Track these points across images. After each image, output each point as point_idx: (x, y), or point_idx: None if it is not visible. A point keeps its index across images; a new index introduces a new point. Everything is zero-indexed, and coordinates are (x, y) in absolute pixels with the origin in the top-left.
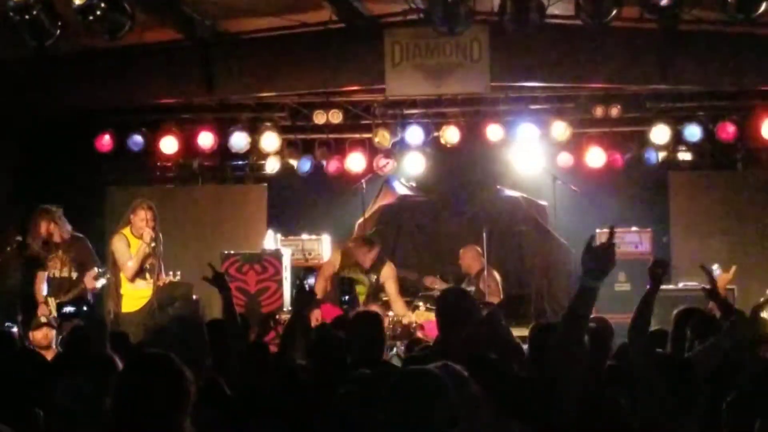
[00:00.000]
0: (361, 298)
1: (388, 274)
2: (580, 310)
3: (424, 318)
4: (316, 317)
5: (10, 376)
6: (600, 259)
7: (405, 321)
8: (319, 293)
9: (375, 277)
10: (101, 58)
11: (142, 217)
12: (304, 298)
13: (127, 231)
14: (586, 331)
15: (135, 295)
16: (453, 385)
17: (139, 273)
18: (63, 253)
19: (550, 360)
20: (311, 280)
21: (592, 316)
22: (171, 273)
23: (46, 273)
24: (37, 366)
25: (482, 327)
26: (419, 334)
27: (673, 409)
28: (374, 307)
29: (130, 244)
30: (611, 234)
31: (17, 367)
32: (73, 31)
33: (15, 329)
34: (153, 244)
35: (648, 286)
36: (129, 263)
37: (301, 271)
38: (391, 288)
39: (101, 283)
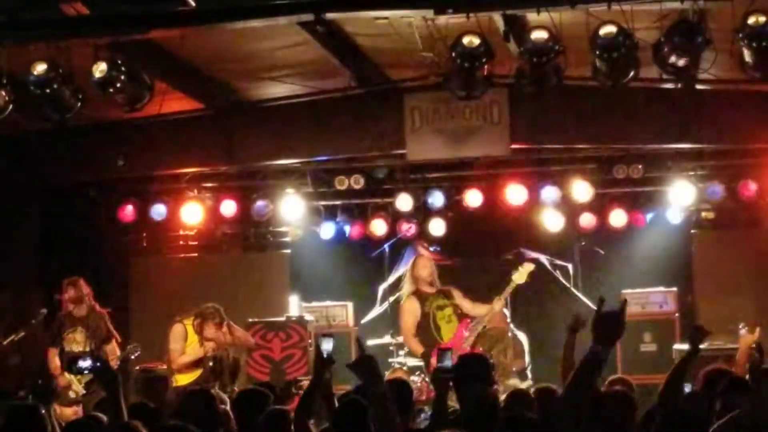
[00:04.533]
0: (454, 323)
1: (458, 294)
2: (585, 375)
3: None
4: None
5: None
6: (610, 327)
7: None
8: (417, 349)
9: (450, 300)
10: (122, 129)
11: (211, 329)
12: (322, 365)
13: (189, 322)
14: (588, 397)
15: (185, 378)
16: None
17: (190, 368)
18: (83, 328)
19: (556, 424)
20: (328, 345)
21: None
22: None
23: (57, 349)
24: None
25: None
26: None
27: None
28: None
29: (188, 336)
30: (624, 304)
31: None
32: (93, 102)
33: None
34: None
35: (687, 351)
36: (180, 358)
37: (319, 336)
38: (463, 302)
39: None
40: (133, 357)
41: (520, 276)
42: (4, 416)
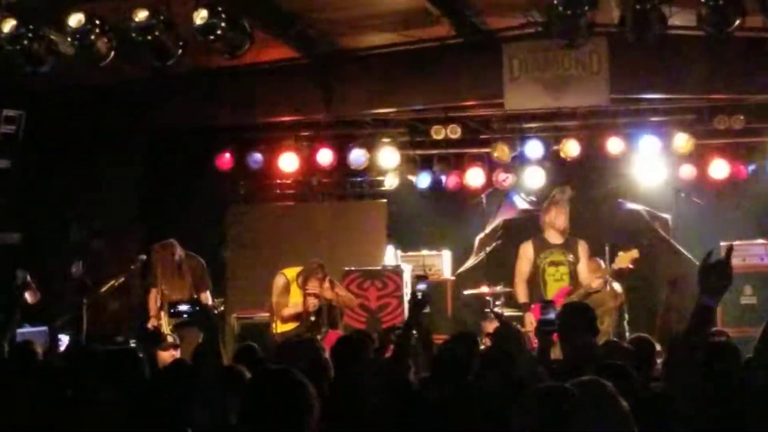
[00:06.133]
0: (565, 281)
1: (584, 250)
2: (697, 329)
3: None
4: (530, 320)
5: (147, 397)
6: (717, 276)
7: (594, 285)
8: (522, 296)
9: (572, 256)
10: (221, 77)
11: (314, 283)
12: (417, 306)
13: (292, 274)
14: (703, 349)
15: (285, 327)
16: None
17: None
18: (176, 275)
19: (669, 376)
20: (422, 286)
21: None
22: None
23: (157, 290)
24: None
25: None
26: None
27: None
28: None
29: (290, 288)
30: (729, 252)
31: (151, 388)
32: (193, 50)
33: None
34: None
35: None
36: (284, 310)
37: (414, 278)
38: (583, 267)
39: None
40: (216, 312)
41: (622, 260)
42: (104, 360)
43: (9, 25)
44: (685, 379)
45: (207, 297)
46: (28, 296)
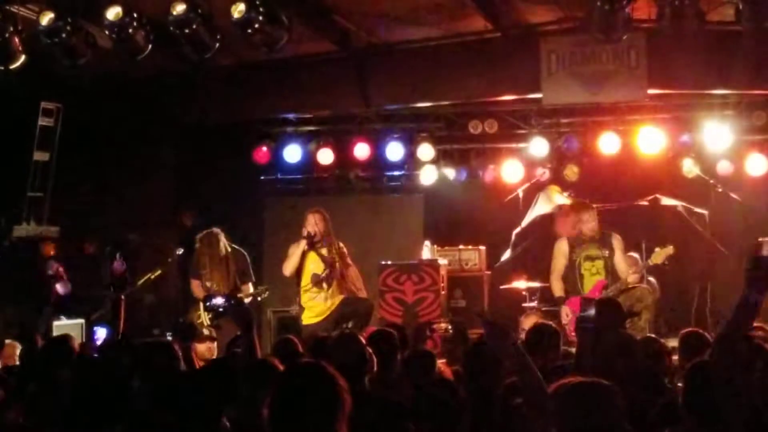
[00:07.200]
0: (601, 275)
1: (618, 243)
2: (741, 322)
3: None
4: (566, 312)
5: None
6: (766, 272)
7: (630, 279)
8: (557, 291)
9: (607, 250)
10: (259, 70)
11: (309, 221)
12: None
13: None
14: (744, 343)
15: (314, 310)
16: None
17: (316, 283)
18: (222, 266)
19: (713, 369)
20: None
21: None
22: None
23: (199, 281)
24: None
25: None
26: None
27: None
28: None
29: (305, 252)
30: None
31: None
32: (231, 43)
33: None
34: (325, 253)
35: None
36: (287, 264)
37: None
38: (619, 260)
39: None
40: (260, 299)
41: (657, 257)
42: (139, 353)
43: (47, 17)
44: (728, 371)
45: (249, 289)
46: (59, 287)
